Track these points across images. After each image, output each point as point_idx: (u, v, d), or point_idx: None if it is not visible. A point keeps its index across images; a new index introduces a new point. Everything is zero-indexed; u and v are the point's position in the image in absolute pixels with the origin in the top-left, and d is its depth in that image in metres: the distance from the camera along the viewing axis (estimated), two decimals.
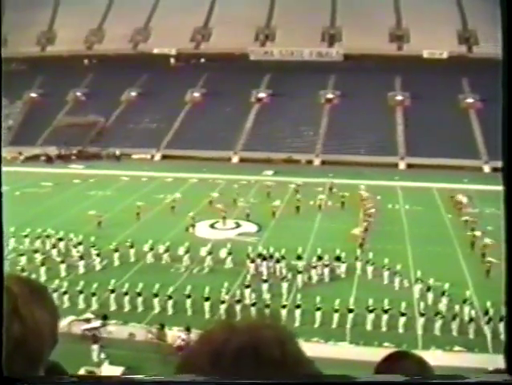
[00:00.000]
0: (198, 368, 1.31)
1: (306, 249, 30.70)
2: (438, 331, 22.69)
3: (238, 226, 36.99)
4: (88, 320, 22.98)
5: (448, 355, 20.78)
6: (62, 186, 46.99)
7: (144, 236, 31.82)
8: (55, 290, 24.57)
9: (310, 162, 59.39)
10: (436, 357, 18.41)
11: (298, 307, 23.66)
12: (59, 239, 31.54)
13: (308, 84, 67.09)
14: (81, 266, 28.82)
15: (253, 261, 28.59)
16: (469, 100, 65.44)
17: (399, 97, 67.77)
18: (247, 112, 68.00)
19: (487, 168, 53.77)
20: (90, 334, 21.67)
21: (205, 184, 46.88)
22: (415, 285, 26.24)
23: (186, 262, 29.48)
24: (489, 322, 22.16)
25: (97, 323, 22.60)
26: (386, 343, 21.42)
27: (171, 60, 78.67)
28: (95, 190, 46.03)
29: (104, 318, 22.92)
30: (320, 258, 28.52)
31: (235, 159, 61.17)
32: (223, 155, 60.08)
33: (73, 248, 30.62)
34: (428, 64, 67.59)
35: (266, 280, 26.54)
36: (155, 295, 24.62)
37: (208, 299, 24.06)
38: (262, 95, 70.68)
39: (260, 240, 33.64)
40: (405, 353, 2.62)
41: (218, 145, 60.31)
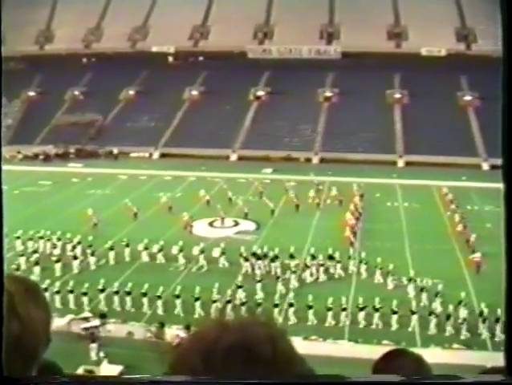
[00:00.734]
0: (190, 366, 1.30)
1: (303, 247, 30.71)
2: (435, 329, 22.71)
3: (237, 224, 36.96)
4: (87, 319, 22.99)
5: (446, 353, 20.82)
6: (60, 185, 46.95)
7: (145, 234, 31.76)
8: (58, 292, 24.72)
9: (308, 160, 59.39)
10: (434, 355, 18.41)
11: (310, 308, 23.56)
12: (58, 239, 31.49)
13: (307, 82, 67.02)
14: (90, 263, 29.05)
15: (246, 260, 28.63)
16: (468, 98, 65.43)
17: (397, 95, 67.73)
18: (246, 110, 67.95)
19: (486, 166, 53.76)
20: (88, 333, 21.68)
21: (204, 183, 46.84)
22: (412, 283, 26.21)
23: (182, 261, 29.55)
24: (484, 321, 22.23)
25: (96, 322, 22.60)
26: (385, 341, 21.46)
27: (169, 58, 78.54)
28: (94, 189, 45.96)
29: (103, 317, 22.92)
30: (314, 257, 28.55)
31: (234, 157, 61.15)
32: (222, 153, 60.05)
33: (72, 247, 30.47)
34: (426, 62, 67.58)
35: (260, 280, 26.41)
36: (158, 297, 24.52)
37: (215, 301, 23.96)
38: (261, 93, 70.65)
39: (258, 238, 33.68)
40: (403, 351, 2.62)
41: (217, 143, 60.27)
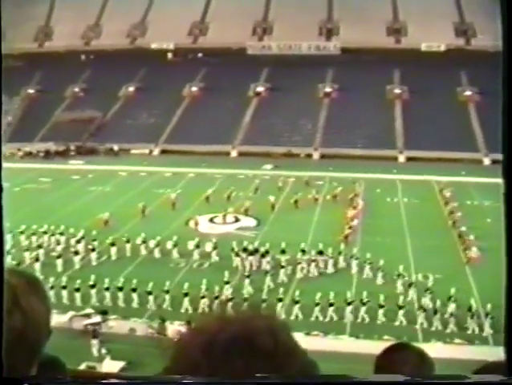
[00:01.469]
0: (191, 359, 1.30)
1: (306, 242, 30.77)
2: (439, 324, 22.74)
3: (237, 220, 36.95)
4: (88, 315, 23.01)
5: (448, 347, 20.86)
6: (61, 182, 46.92)
7: (149, 231, 31.86)
8: (64, 287, 24.88)
9: (309, 156, 59.36)
10: (436, 349, 18.43)
11: (317, 304, 23.51)
12: (60, 234, 31.61)
13: (306, 78, 66.91)
14: (92, 260, 29.24)
15: (237, 255, 28.81)
16: (468, 93, 65.31)
17: (397, 90, 67.64)
18: (246, 106, 67.86)
19: (487, 161, 53.68)
20: (90, 329, 21.70)
21: (204, 179, 46.82)
22: (412, 278, 26.25)
23: (176, 257, 29.84)
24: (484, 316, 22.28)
25: (98, 318, 22.62)
26: (386, 336, 21.49)
27: (168, 55, 78.48)
28: (95, 186, 45.93)
29: (104, 314, 22.93)
30: (304, 252, 28.80)
31: (234, 153, 61.10)
32: (222, 149, 59.95)
33: (76, 243, 30.46)
34: (426, 57, 67.51)
35: (267, 271, 26.93)
36: (166, 292, 24.57)
37: (217, 297, 23.94)
38: (261, 89, 70.53)
39: (259, 234, 33.69)
40: (405, 345, 2.63)
41: (217, 139, 60.19)
